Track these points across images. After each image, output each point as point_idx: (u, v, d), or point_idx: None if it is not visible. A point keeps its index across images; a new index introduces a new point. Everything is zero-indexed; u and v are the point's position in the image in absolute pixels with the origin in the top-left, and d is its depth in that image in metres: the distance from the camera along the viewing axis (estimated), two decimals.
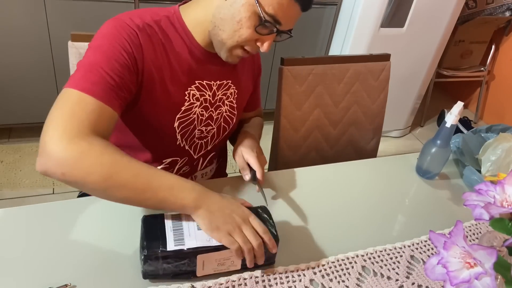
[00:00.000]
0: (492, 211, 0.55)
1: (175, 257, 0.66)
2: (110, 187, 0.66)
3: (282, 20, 0.78)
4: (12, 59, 1.88)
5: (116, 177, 0.66)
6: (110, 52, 0.74)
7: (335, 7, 2.25)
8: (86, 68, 0.72)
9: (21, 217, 0.78)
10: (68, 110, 0.68)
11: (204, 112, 0.92)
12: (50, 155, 0.64)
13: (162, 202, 0.68)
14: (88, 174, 0.65)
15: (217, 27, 0.81)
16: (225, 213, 0.70)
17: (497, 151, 1.02)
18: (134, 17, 0.79)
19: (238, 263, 0.72)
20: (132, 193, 0.67)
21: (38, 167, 0.66)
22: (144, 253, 0.65)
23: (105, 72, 0.72)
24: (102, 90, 0.71)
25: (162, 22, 0.83)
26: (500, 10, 2.68)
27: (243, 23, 0.78)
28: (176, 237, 0.68)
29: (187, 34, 0.85)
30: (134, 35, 0.77)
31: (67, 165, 0.64)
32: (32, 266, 0.69)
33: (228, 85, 0.95)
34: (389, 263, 0.80)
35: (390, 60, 1.37)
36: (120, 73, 0.74)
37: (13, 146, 2.10)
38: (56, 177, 0.65)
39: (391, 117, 2.16)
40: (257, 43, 0.82)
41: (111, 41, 0.75)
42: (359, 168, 1.10)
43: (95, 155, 0.65)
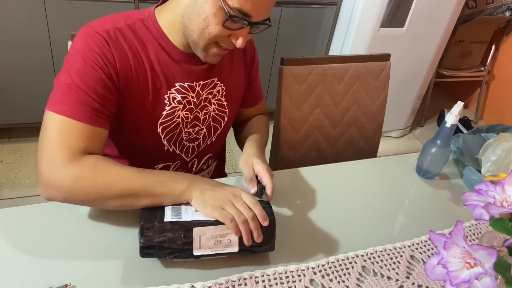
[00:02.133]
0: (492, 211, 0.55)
1: (171, 230, 0.68)
2: (109, 199, 0.72)
3: (251, 12, 0.73)
4: (12, 59, 1.89)
5: (113, 189, 0.71)
6: (84, 70, 0.75)
7: (335, 7, 2.25)
8: (64, 90, 0.74)
9: (21, 217, 0.78)
10: (57, 138, 0.72)
11: (189, 114, 0.90)
12: (48, 184, 0.71)
13: (159, 197, 0.72)
14: (86, 194, 0.71)
15: (187, 27, 0.79)
16: (216, 191, 0.74)
17: (497, 151, 1.02)
18: (105, 23, 0.78)
19: (236, 243, 0.72)
20: (130, 199, 0.72)
21: (42, 195, 0.72)
22: (141, 223, 0.68)
23: (83, 92, 0.74)
24: (85, 112, 0.73)
25: (137, 26, 0.81)
26: (500, 10, 2.68)
27: (210, 20, 0.74)
28: (174, 213, 0.71)
29: (162, 37, 0.83)
30: (104, 44, 0.76)
31: (66, 191, 0.70)
32: (32, 266, 0.69)
33: (214, 83, 0.92)
34: (389, 263, 0.80)
35: (390, 60, 1.37)
36: (98, 91, 0.75)
37: (13, 146, 2.10)
38: (59, 201, 0.73)
39: (391, 117, 2.16)
40: (230, 38, 0.78)
41: (83, 57, 0.75)
42: (359, 168, 1.10)
43: (88, 176, 0.71)
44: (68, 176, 0.70)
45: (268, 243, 0.74)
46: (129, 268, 0.71)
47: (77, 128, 0.72)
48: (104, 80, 0.76)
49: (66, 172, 0.70)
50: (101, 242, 0.75)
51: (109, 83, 0.77)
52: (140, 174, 0.73)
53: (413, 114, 2.69)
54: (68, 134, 0.72)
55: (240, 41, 0.77)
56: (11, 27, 1.81)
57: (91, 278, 0.68)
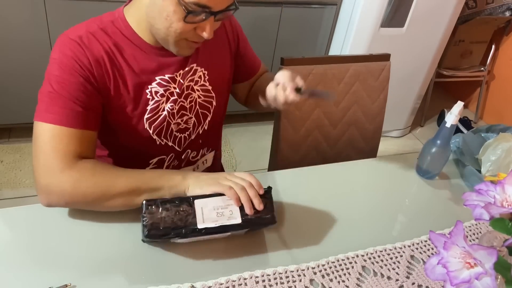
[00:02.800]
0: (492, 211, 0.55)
1: (172, 202, 0.70)
2: (110, 199, 0.74)
3: (209, 3, 0.73)
4: (12, 59, 1.88)
5: (112, 189, 0.74)
6: (63, 78, 0.77)
7: (335, 7, 2.25)
8: (47, 99, 0.76)
9: (21, 217, 0.78)
10: (49, 146, 0.74)
11: (174, 105, 0.90)
12: (48, 191, 0.73)
13: (158, 190, 0.75)
14: (86, 196, 0.73)
15: (152, 26, 0.80)
16: (211, 174, 0.79)
17: (497, 151, 1.02)
18: (79, 29, 0.80)
19: (238, 215, 0.73)
20: (130, 196, 0.74)
21: (42, 202, 0.75)
22: (143, 202, 0.69)
23: (66, 99, 0.76)
24: (71, 117, 0.76)
25: (108, 28, 0.82)
26: (500, 10, 2.68)
27: (171, 17, 0.75)
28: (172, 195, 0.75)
29: (133, 35, 0.83)
30: (79, 50, 0.78)
31: (66, 195, 0.73)
32: (32, 266, 0.69)
33: (193, 70, 0.91)
34: (389, 263, 0.80)
35: (390, 60, 1.37)
36: (80, 96, 0.77)
37: (13, 146, 2.10)
38: (61, 206, 0.76)
39: (391, 117, 2.16)
40: (196, 31, 0.78)
41: (60, 64, 0.77)
42: (359, 168, 1.10)
43: (87, 178, 0.73)
44: (68, 181, 0.72)
45: (268, 213, 0.75)
46: (129, 268, 0.71)
47: (66, 133, 0.75)
48: (83, 83, 0.78)
49: (65, 177, 0.72)
50: (101, 242, 0.75)
51: (89, 86, 0.79)
52: (137, 171, 0.77)
53: (413, 114, 2.69)
54: (59, 140, 0.74)
55: (207, 33, 0.78)
56: (11, 27, 1.81)
57: (91, 278, 0.68)
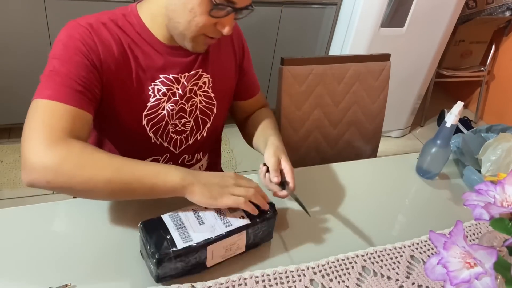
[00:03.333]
0: (492, 211, 0.55)
1: (186, 254, 0.67)
2: (96, 186, 0.67)
3: None
4: (12, 59, 1.88)
5: (100, 175, 0.67)
6: (67, 57, 0.75)
7: (335, 7, 2.25)
8: (47, 77, 0.74)
9: (21, 217, 0.78)
10: (39, 120, 0.69)
11: (174, 106, 0.89)
12: (32, 166, 0.65)
13: (152, 190, 0.70)
14: (71, 178, 0.66)
15: (172, 19, 0.79)
16: (216, 180, 0.74)
17: (497, 151, 1.02)
18: (89, 18, 0.80)
19: (243, 245, 0.74)
20: (118, 187, 0.68)
21: (24, 179, 0.67)
22: (157, 257, 0.64)
23: (66, 76, 0.73)
24: (68, 95, 0.72)
25: (119, 21, 0.82)
26: (500, 10, 2.68)
27: (196, 10, 0.75)
28: (182, 235, 0.68)
29: (144, 31, 0.83)
30: (87, 34, 0.77)
31: (50, 172, 0.65)
32: (32, 266, 0.69)
33: (199, 75, 0.91)
34: (389, 263, 0.80)
35: (390, 60, 1.37)
36: (80, 75, 0.75)
37: (13, 146, 2.10)
38: (42, 186, 0.66)
39: (391, 117, 2.16)
40: (217, 27, 0.79)
41: (65, 46, 0.76)
42: (359, 168, 1.10)
43: (75, 157, 0.67)
44: (53, 157, 0.65)
45: (269, 236, 0.79)
46: (129, 268, 0.71)
47: (61, 109, 0.70)
48: (87, 65, 0.76)
49: (52, 152, 0.66)
50: (101, 242, 0.75)
51: (92, 69, 0.77)
52: (132, 162, 0.70)
53: (413, 114, 2.69)
54: (51, 115, 0.70)
55: (227, 29, 0.79)
56: (11, 27, 1.81)
57: (91, 278, 0.68)
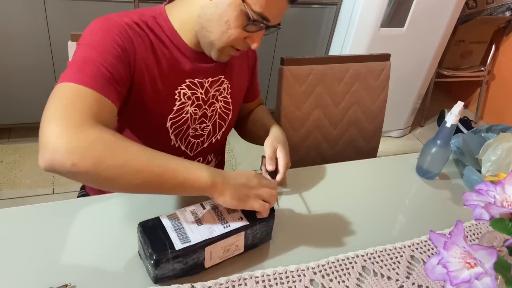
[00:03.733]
0: (492, 211, 0.55)
1: (184, 255, 0.67)
2: (125, 174, 0.62)
3: (270, 16, 0.78)
4: (12, 59, 1.88)
5: (131, 163, 0.62)
6: (103, 46, 0.73)
7: (335, 7, 2.25)
8: (80, 63, 0.70)
9: (21, 217, 0.78)
10: (68, 103, 0.65)
11: (197, 111, 0.91)
12: (56, 147, 0.60)
13: (182, 185, 0.66)
14: (100, 162, 0.60)
15: (204, 28, 0.80)
16: (242, 181, 0.72)
17: (497, 151, 1.02)
18: (121, 16, 0.79)
19: (242, 247, 0.74)
20: (150, 178, 0.64)
21: (43, 163, 0.61)
22: (154, 258, 0.64)
23: (100, 64, 0.71)
24: (99, 83, 0.69)
25: (149, 22, 0.82)
26: (500, 10, 2.68)
27: (231, 23, 0.77)
28: (180, 236, 0.68)
29: (173, 34, 0.84)
30: (124, 30, 0.77)
31: (77, 154, 0.60)
32: (32, 266, 0.69)
33: (221, 81, 0.94)
34: (389, 263, 0.80)
35: (390, 60, 1.37)
36: (115, 66, 0.73)
37: (13, 146, 2.10)
38: (64, 170, 0.60)
39: (391, 117, 2.16)
40: (246, 40, 0.82)
41: (103, 36, 0.74)
42: (359, 168, 1.10)
43: (106, 142, 0.62)
44: (83, 138, 0.61)
45: (268, 236, 0.78)
46: (129, 268, 0.71)
47: (91, 95, 0.67)
48: (122, 58, 0.75)
49: (82, 134, 0.61)
50: (101, 242, 0.75)
51: (126, 63, 0.76)
52: (162, 154, 0.67)
53: (413, 114, 2.69)
54: (82, 100, 0.66)
55: (256, 44, 0.82)
56: (11, 27, 1.81)
57: (91, 278, 0.68)
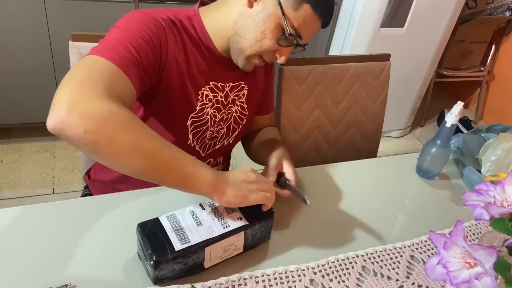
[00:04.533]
0: (492, 211, 0.55)
1: (184, 256, 0.67)
2: (135, 154, 0.61)
3: (303, 35, 0.80)
4: (12, 59, 1.88)
5: (143, 144, 0.61)
6: (137, 31, 0.74)
7: (335, 7, 2.25)
8: (113, 42, 0.70)
9: (21, 217, 0.78)
10: (94, 72, 0.64)
11: (217, 113, 0.93)
12: (73, 107, 0.57)
13: (185, 178, 0.65)
14: (114, 136, 0.59)
15: (238, 34, 0.82)
16: (241, 177, 0.72)
17: (497, 151, 1.02)
18: (158, 12, 0.81)
19: (241, 246, 0.74)
20: (156, 164, 0.63)
21: (52, 121, 0.57)
22: (154, 259, 0.64)
23: (131, 46, 0.71)
24: (126, 64, 0.68)
25: (184, 22, 0.84)
26: (500, 10, 2.68)
27: (267, 34, 0.79)
28: (179, 236, 0.68)
29: (205, 37, 0.85)
30: (160, 24, 0.78)
31: (94, 122, 0.57)
32: (32, 266, 0.69)
33: (241, 86, 0.95)
34: (389, 263, 0.80)
35: (390, 60, 1.37)
36: (146, 53, 0.73)
37: (13, 146, 2.10)
38: (73, 134, 0.57)
39: (391, 117, 2.16)
40: (275, 53, 0.83)
41: (139, 23, 0.75)
42: (359, 168, 1.10)
43: (124, 118, 0.61)
44: (104, 107, 0.59)
45: (266, 236, 0.78)
46: (129, 268, 0.71)
47: (118, 74, 0.67)
48: (154, 48, 0.76)
49: (104, 103, 0.60)
50: (101, 243, 0.75)
51: (156, 54, 0.77)
52: (173, 146, 0.66)
53: (413, 114, 2.69)
54: (109, 75, 0.66)
55: (283, 58, 0.83)
56: (11, 27, 1.81)
57: (91, 278, 0.68)
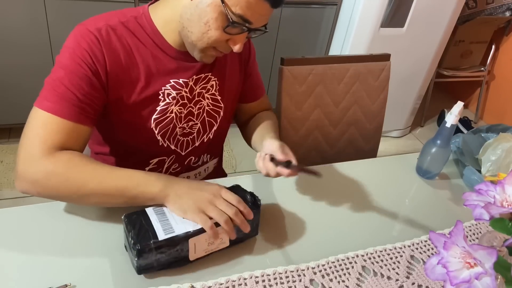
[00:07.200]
0: (492, 211, 0.55)
1: (167, 246, 0.67)
2: (82, 197, 0.72)
3: (251, 19, 0.75)
4: (12, 59, 1.89)
5: (84, 188, 0.71)
6: (71, 67, 0.76)
7: (335, 7, 2.25)
8: (51, 86, 0.75)
9: (21, 217, 0.78)
10: (33, 133, 0.73)
11: (182, 109, 0.90)
12: (23, 177, 0.71)
13: (133, 200, 0.73)
14: (58, 191, 0.71)
15: (185, 28, 0.79)
16: (194, 193, 0.73)
17: (497, 151, 1.02)
18: (98, 21, 0.79)
19: (227, 240, 0.74)
20: (103, 199, 0.73)
21: (17, 188, 0.72)
22: (137, 248, 0.65)
23: (67, 89, 0.74)
24: (65, 108, 0.74)
25: (130, 24, 0.81)
26: (500, 10, 2.68)
27: (211, 24, 0.76)
28: (164, 227, 0.69)
29: (156, 35, 0.83)
30: (95, 43, 0.77)
31: (38, 186, 0.71)
32: (32, 266, 0.69)
33: (208, 78, 0.91)
34: (389, 263, 0.80)
35: (390, 60, 1.37)
36: (82, 88, 0.76)
37: (13, 146, 2.10)
38: (33, 194, 0.73)
39: (391, 117, 2.16)
40: (228, 43, 0.80)
41: (71, 54, 0.76)
42: (359, 168, 1.10)
43: (60, 172, 0.71)
44: (41, 171, 0.70)
45: (254, 231, 0.78)
46: (129, 268, 0.71)
47: (57, 123, 0.73)
48: (90, 77, 0.76)
49: (40, 166, 0.70)
50: (101, 242, 0.75)
51: (95, 81, 0.77)
52: (114, 174, 0.73)
53: (413, 114, 2.69)
54: (47, 129, 0.73)
55: (238, 46, 0.80)
56: (11, 27, 1.81)
57: (91, 278, 0.68)
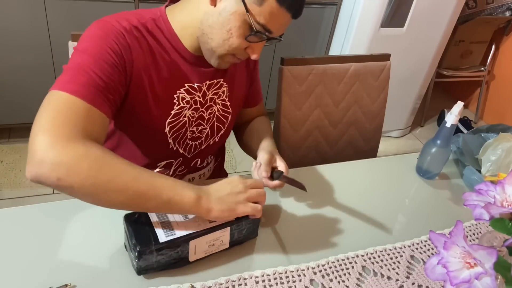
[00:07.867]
0: (492, 211, 0.55)
1: (168, 248, 0.67)
2: (110, 191, 0.63)
3: (273, 29, 0.77)
4: (12, 59, 1.88)
5: (116, 180, 0.63)
6: (98, 53, 0.72)
7: (335, 7, 2.25)
8: (74, 70, 0.70)
9: (21, 217, 0.78)
10: (58, 113, 0.65)
11: (194, 113, 0.90)
12: (43, 160, 0.61)
13: (167, 203, 0.66)
14: (86, 178, 0.61)
15: (205, 34, 0.79)
16: (227, 189, 0.72)
17: (497, 151, 1.02)
18: (120, 20, 0.78)
19: (227, 242, 0.74)
20: (134, 196, 0.65)
21: (29, 173, 0.62)
22: (138, 249, 0.65)
23: (94, 73, 0.70)
24: (92, 93, 0.68)
25: (149, 25, 0.81)
26: (500, 10, 2.68)
27: (233, 32, 0.77)
28: (165, 229, 0.69)
29: (174, 38, 0.83)
30: (122, 36, 0.75)
31: (64, 169, 0.61)
32: (32, 266, 0.69)
33: (220, 84, 0.93)
34: (389, 263, 0.80)
35: (390, 60, 1.37)
36: (109, 74, 0.72)
37: (13, 146, 2.10)
38: (49, 183, 0.62)
39: (391, 117, 2.16)
40: (246, 50, 0.81)
41: (99, 42, 0.73)
42: (359, 168, 1.10)
43: (93, 158, 0.62)
44: (70, 153, 0.61)
45: (253, 233, 0.79)
46: (130, 268, 0.71)
47: (82, 107, 0.67)
48: (117, 66, 0.74)
49: (69, 148, 0.61)
50: (101, 242, 0.75)
51: (122, 71, 0.75)
52: (149, 172, 0.67)
53: (413, 114, 2.69)
54: (74, 111, 0.66)
55: (256, 55, 0.81)
56: (11, 27, 1.81)
57: (91, 278, 0.68)
